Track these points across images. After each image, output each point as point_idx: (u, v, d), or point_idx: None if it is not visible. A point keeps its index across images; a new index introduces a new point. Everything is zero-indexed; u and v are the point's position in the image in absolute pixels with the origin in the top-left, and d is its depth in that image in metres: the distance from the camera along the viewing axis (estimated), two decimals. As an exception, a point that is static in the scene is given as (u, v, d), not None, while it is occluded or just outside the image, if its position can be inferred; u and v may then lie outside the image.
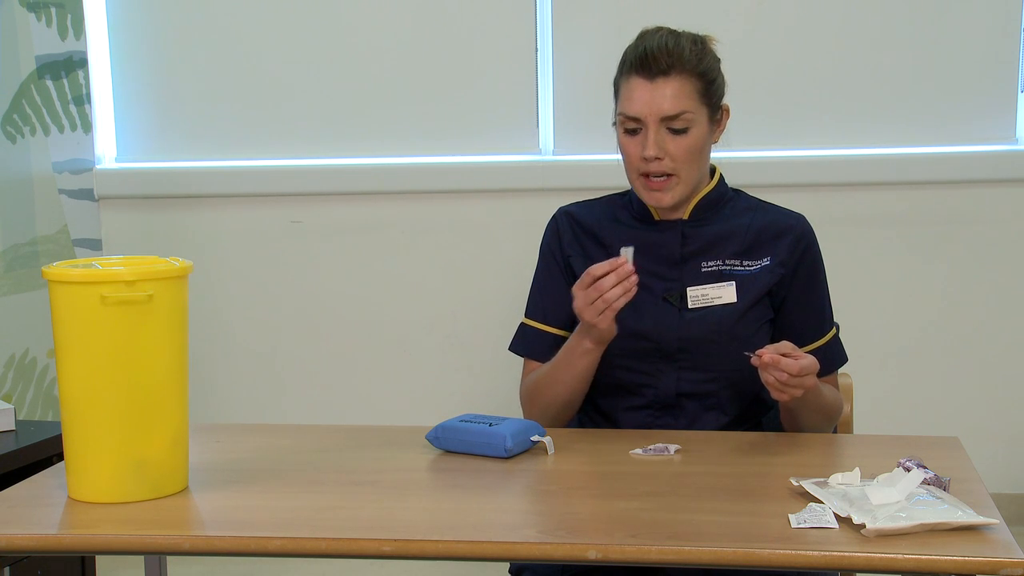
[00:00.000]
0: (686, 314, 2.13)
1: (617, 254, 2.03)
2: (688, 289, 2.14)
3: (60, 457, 1.88)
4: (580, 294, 2.02)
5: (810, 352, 2.11)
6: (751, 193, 2.27)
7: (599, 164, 3.73)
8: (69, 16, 3.80)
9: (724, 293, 2.14)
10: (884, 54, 3.70)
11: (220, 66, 3.89)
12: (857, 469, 1.71)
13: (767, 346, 1.95)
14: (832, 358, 2.20)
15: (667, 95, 2.06)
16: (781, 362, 1.92)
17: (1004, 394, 3.78)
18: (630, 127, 2.10)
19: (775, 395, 1.96)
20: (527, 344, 2.24)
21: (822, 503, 1.64)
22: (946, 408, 3.77)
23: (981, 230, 3.73)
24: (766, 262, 2.16)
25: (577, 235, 2.23)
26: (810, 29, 3.71)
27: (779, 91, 3.73)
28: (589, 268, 2.01)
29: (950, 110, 3.69)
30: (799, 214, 2.22)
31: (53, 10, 3.76)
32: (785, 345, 1.96)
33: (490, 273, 3.84)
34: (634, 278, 1.99)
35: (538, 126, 3.81)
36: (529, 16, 3.76)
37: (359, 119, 3.86)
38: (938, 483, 1.68)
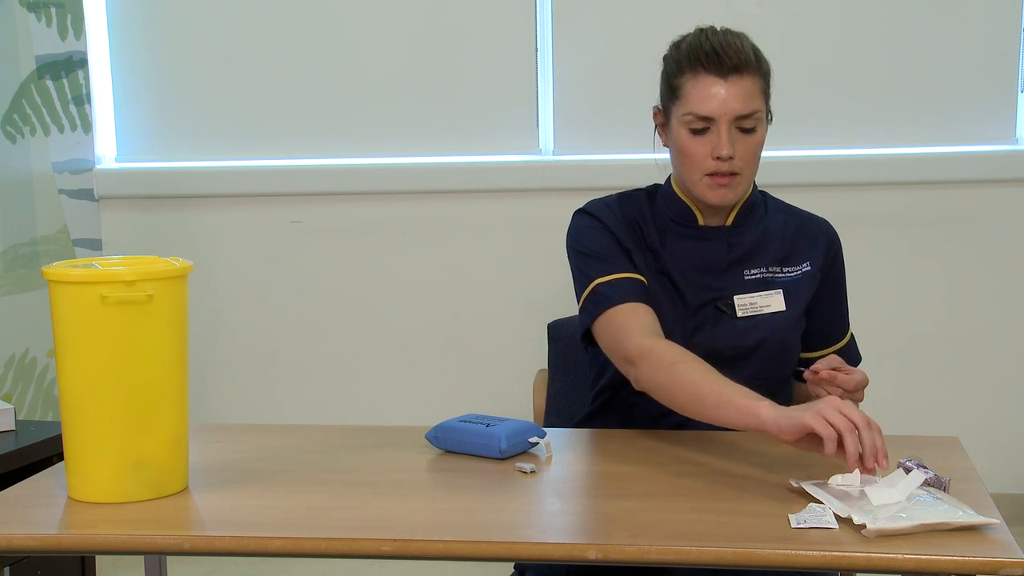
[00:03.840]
0: (739, 323, 2.11)
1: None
2: (735, 297, 2.11)
3: (60, 457, 1.88)
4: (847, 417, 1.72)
5: (834, 352, 2.14)
6: None
7: (599, 164, 3.73)
8: (69, 16, 3.80)
9: (772, 301, 2.11)
10: (884, 54, 3.70)
11: (220, 66, 3.89)
12: (857, 469, 1.71)
13: (819, 361, 1.96)
14: (854, 357, 2.23)
15: (740, 94, 2.03)
16: (837, 378, 1.93)
17: (1004, 394, 3.77)
18: (698, 127, 2.04)
19: None
20: (617, 293, 2.05)
21: (822, 503, 1.64)
22: (946, 408, 3.77)
23: (981, 230, 3.73)
24: (807, 267, 2.15)
25: (623, 223, 2.13)
26: (810, 29, 3.71)
27: (779, 91, 3.69)
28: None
29: (950, 110, 3.69)
30: (822, 217, 2.23)
31: (53, 10, 3.76)
32: (835, 359, 1.98)
33: (490, 273, 3.83)
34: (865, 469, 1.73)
35: (538, 126, 3.80)
36: (529, 16, 3.76)
37: (359, 119, 3.86)
38: (938, 483, 1.68)
